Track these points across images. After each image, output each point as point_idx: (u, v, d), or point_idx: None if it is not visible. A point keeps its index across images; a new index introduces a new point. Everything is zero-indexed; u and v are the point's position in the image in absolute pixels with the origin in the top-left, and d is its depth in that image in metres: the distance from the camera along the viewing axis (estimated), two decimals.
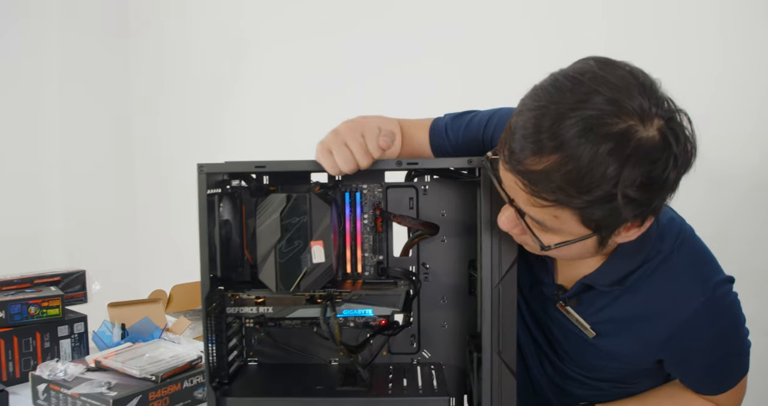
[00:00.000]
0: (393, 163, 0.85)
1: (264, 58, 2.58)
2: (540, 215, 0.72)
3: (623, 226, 0.73)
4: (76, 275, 1.49)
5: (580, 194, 0.66)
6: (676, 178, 0.69)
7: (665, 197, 0.71)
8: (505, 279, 0.85)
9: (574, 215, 0.69)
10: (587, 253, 0.78)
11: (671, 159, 0.67)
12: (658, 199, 0.70)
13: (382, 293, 0.91)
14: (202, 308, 0.88)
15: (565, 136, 0.65)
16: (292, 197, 0.87)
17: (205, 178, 0.87)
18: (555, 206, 0.68)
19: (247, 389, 0.94)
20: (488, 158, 0.76)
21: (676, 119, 0.68)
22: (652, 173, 0.66)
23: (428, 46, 2.22)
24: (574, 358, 0.98)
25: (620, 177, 0.65)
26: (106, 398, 1.05)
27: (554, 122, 0.66)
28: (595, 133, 0.64)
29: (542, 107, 0.68)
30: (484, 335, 0.85)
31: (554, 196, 0.67)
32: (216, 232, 0.88)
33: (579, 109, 0.65)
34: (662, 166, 0.66)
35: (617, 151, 0.64)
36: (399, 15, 2.31)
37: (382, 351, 1.03)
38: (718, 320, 0.88)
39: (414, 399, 0.88)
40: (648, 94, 0.67)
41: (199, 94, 2.76)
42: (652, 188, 0.67)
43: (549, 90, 0.69)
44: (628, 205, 0.67)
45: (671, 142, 0.66)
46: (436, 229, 0.96)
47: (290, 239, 0.87)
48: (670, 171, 0.67)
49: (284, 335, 1.02)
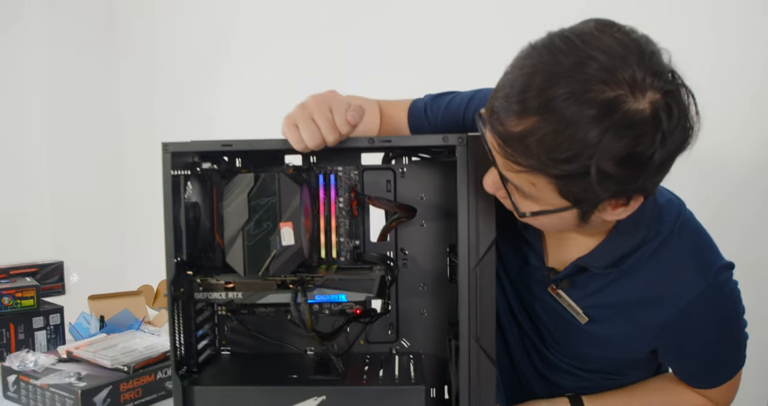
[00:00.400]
0: (365, 140, 0.81)
1: (257, 56, 2.55)
2: (517, 180, 0.68)
3: (607, 202, 0.69)
4: (53, 265, 1.46)
5: (554, 163, 0.62)
6: (663, 158, 0.64)
7: (652, 178, 0.67)
8: (483, 261, 0.81)
9: (551, 184, 0.66)
10: (568, 226, 0.74)
11: (659, 136, 0.62)
12: (641, 178, 0.65)
13: (355, 277, 0.88)
14: (167, 293, 0.85)
15: (549, 99, 0.61)
16: (261, 177, 0.83)
17: (169, 157, 0.83)
18: (529, 172, 0.65)
19: (217, 378, 0.90)
20: (480, 115, 0.72)
21: (675, 94, 0.63)
22: (635, 149, 0.62)
23: (426, 45, 2.19)
24: (563, 346, 0.94)
25: (597, 148, 0.61)
26: (74, 388, 1.01)
27: (541, 84, 0.62)
28: (580, 99, 0.61)
29: (533, 67, 0.64)
30: (462, 321, 0.82)
31: (527, 162, 0.64)
32: (182, 214, 0.85)
33: (569, 74, 0.62)
34: (647, 142, 0.62)
35: (598, 119, 0.61)
36: (398, 14, 2.28)
37: (360, 340, 0.99)
38: (718, 308, 0.84)
39: (389, 388, 0.85)
40: (646, 64, 0.62)
41: (191, 88, 2.73)
42: (632, 166, 0.63)
43: (542, 51, 0.65)
44: (604, 180, 0.63)
45: (662, 118, 0.62)
46: (413, 212, 0.93)
47: (258, 221, 0.83)
48: (656, 149, 0.62)
49: (258, 323, 0.99)
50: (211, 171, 0.95)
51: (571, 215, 0.71)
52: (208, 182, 0.93)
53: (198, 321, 0.92)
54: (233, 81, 2.60)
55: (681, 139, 0.65)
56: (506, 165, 0.67)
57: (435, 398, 0.99)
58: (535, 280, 0.92)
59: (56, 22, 2.73)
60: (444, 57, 2.13)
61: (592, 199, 0.67)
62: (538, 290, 0.92)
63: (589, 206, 0.69)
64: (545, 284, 0.90)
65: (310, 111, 0.76)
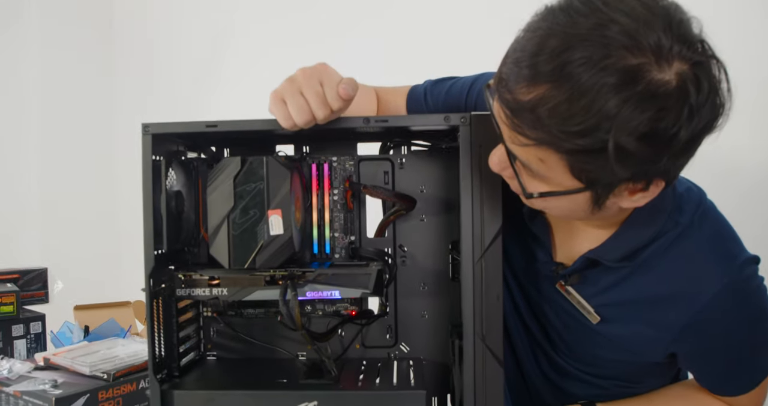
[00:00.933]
0: (360, 120, 0.75)
1: (256, 57, 2.51)
2: (525, 155, 0.62)
3: (624, 186, 0.62)
4: (36, 272, 1.39)
5: (567, 136, 0.56)
6: (690, 137, 0.57)
7: (676, 159, 0.60)
8: (489, 252, 0.74)
9: (562, 161, 0.59)
10: (580, 212, 0.67)
11: (685, 111, 0.56)
12: (664, 159, 0.58)
13: (350, 272, 0.81)
14: (145, 288, 0.78)
15: (563, 64, 0.55)
16: (248, 161, 0.77)
17: (150, 139, 0.77)
18: (537, 146, 0.59)
19: (200, 382, 0.83)
20: (488, 86, 0.66)
21: (705, 66, 0.57)
22: (658, 124, 0.55)
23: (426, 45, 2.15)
24: (573, 349, 0.86)
25: (615, 121, 0.55)
26: (48, 396, 0.94)
27: (556, 47, 0.56)
28: (598, 65, 0.55)
29: (547, 29, 0.58)
30: (466, 318, 0.75)
31: (537, 135, 0.57)
32: (162, 201, 0.79)
33: (587, 37, 0.55)
34: (673, 118, 0.55)
35: (618, 88, 0.54)
36: (398, 14, 2.25)
37: (355, 344, 0.92)
38: (743, 305, 0.77)
39: (386, 393, 0.77)
40: (674, 31, 0.56)
41: (186, 93, 2.68)
42: (655, 143, 0.56)
43: (559, 13, 0.59)
44: (622, 159, 0.57)
45: (689, 91, 0.56)
46: (412, 203, 0.86)
47: (245, 208, 0.77)
48: (682, 126, 0.56)
49: (246, 326, 0.92)
50: (197, 161, 0.89)
51: (583, 198, 0.64)
52: (194, 172, 0.88)
53: (180, 322, 0.85)
54: (233, 82, 2.56)
55: (710, 116, 0.58)
56: (514, 138, 0.61)
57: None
58: (542, 277, 0.86)
59: (54, 23, 2.70)
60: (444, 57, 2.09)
61: (608, 181, 0.61)
62: (545, 287, 0.85)
63: (604, 189, 0.62)
64: (553, 281, 0.83)
65: (299, 85, 0.70)
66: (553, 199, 0.65)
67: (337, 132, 0.82)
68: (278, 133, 0.87)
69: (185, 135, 0.81)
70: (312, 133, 0.83)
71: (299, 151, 0.91)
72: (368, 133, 0.89)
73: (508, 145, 0.63)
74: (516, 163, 0.64)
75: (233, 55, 2.61)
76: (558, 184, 0.63)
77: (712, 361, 0.81)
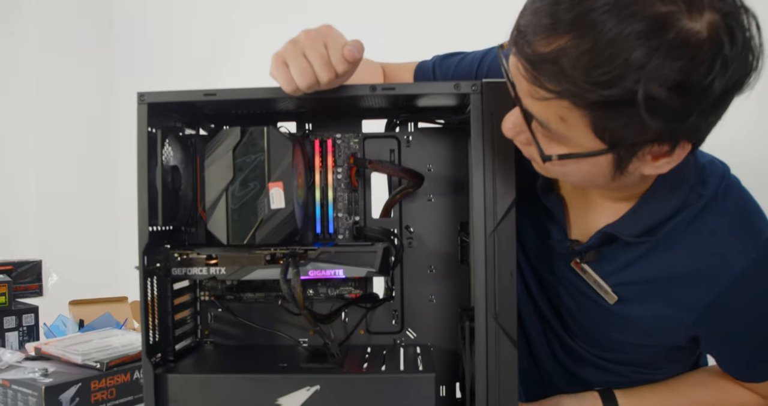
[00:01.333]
0: (366, 88, 0.72)
1: (256, 57, 2.49)
2: (544, 114, 0.58)
3: (648, 148, 0.58)
4: (30, 264, 1.35)
5: (592, 87, 0.52)
6: (724, 89, 0.53)
7: (707, 115, 0.56)
8: (501, 226, 0.70)
9: (584, 118, 0.56)
10: (600, 178, 0.63)
11: (719, 61, 0.52)
12: (696, 112, 0.54)
13: (355, 250, 0.77)
14: (139, 266, 0.74)
15: (585, 12, 0.52)
16: (248, 131, 0.73)
17: (145, 109, 0.74)
18: (559, 99, 0.55)
19: (196, 366, 0.79)
20: (502, 47, 0.62)
21: (738, 18, 0.54)
22: (691, 74, 0.52)
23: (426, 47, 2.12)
24: (589, 332, 0.82)
25: (645, 70, 0.51)
26: (38, 385, 0.90)
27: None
28: (624, 12, 0.51)
29: None
30: (477, 295, 0.71)
31: (560, 87, 0.54)
32: (158, 175, 0.75)
33: None
34: (706, 68, 0.52)
35: (646, 36, 0.51)
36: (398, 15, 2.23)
37: (360, 330, 0.88)
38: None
39: (393, 376, 0.73)
40: None
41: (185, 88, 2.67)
42: (688, 93, 0.52)
43: None
44: (653, 110, 0.53)
45: (723, 41, 0.52)
46: (420, 179, 0.83)
47: (244, 181, 0.73)
48: (716, 76, 0.52)
49: (246, 312, 0.88)
50: (195, 137, 0.85)
51: (605, 162, 0.61)
52: (192, 149, 0.84)
53: (176, 305, 0.81)
54: (233, 82, 2.53)
55: (742, 71, 0.54)
56: (534, 92, 0.57)
57: (445, 397, 0.87)
58: (556, 256, 0.81)
59: (53, 23, 2.68)
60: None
61: (632, 141, 0.57)
62: (560, 267, 0.81)
63: (627, 151, 0.59)
64: (568, 259, 0.79)
65: (302, 47, 0.66)
66: (572, 163, 0.61)
67: (341, 104, 0.79)
68: (280, 110, 0.84)
69: (183, 106, 0.78)
70: (315, 105, 0.79)
71: (302, 128, 0.88)
72: (373, 110, 0.86)
73: (525, 103, 0.60)
74: (533, 124, 0.61)
75: (233, 55, 2.59)
76: (578, 146, 0.59)
77: (736, 344, 0.77)
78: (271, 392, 0.72)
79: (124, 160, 2.81)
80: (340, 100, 0.74)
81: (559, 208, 0.79)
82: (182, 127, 0.84)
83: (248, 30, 2.57)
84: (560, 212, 0.79)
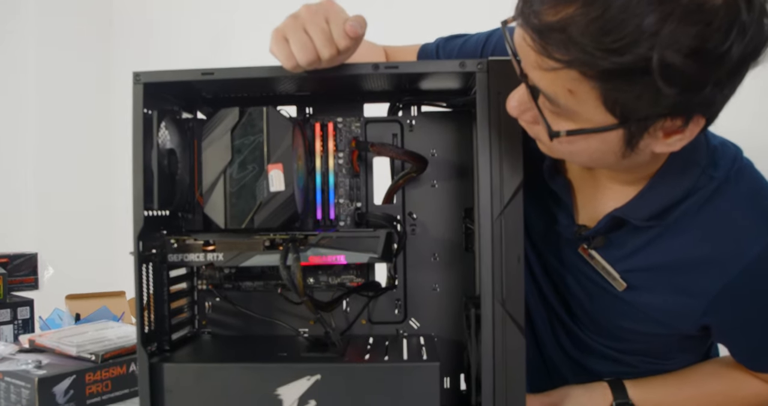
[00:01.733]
0: (369, 66, 0.69)
1: (256, 57, 2.47)
2: (552, 87, 0.55)
3: (660, 123, 0.56)
4: (25, 257, 1.32)
5: (603, 53, 0.50)
6: (740, 58, 0.51)
7: (722, 88, 0.53)
8: (509, 209, 0.68)
9: (594, 90, 0.53)
10: (610, 155, 0.61)
11: (736, 27, 0.50)
12: (710, 83, 0.52)
13: (357, 235, 0.75)
14: (134, 251, 0.72)
15: None
16: (247, 112, 0.71)
17: (141, 89, 0.71)
18: (568, 69, 0.52)
19: (193, 356, 0.77)
20: (505, 22, 0.60)
21: None
22: (707, 40, 0.49)
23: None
24: (597, 321, 0.80)
25: (659, 36, 0.49)
26: (31, 376, 0.87)
27: None
28: None
29: None
30: (484, 281, 0.68)
31: (568, 54, 0.51)
32: (153, 157, 0.72)
33: None
34: (723, 34, 0.49)
35: (660, 0, 0.48)
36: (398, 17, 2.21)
37: (361, 320, 0.86)
38: None
39: (396, 365, 0.71)
40: None
41: None
42: (704, 60, 0.50)
43: None
44: (669, 77, 0.50)
45: (740, 8, 0.50)
46: (424, 163, 0.80)
47: (243, 163, 0.71)
48: (733, 43, 0.50)
49: (245, 301, 0.85)
50: (192, 121, 0.83)
51: (615, 138, 0.58)
52: (189, 133, 0.81)
53: (173, 292, 0.79)
54: None
55: (761, 38, 0.52)
56: (541, 62, 0.54)
57: (449, 389, 0.85)
58: (563, 242, 0.79)
59: (52, 20, 2.66)
60: None
61: (644, 115, 0.55)
62: (566, 254, 0.79)
63: (639, 126, 0.56)
64: (575, 245, 0.77)
65: (303, 21, 0.64)
66: (580, 140, 0.59)
67: (343, 85, 0.77)
68: (280, 93, 0.82)
69: (180, 87, 0.75)
70: (317, 85, 0.77)
71: (302, 112, 0.85)
72: (376, 93, 0.83)
73: (532, 77, 0.57)
74: (540, 100, 0.58)
75: (233, 55, 2.57)
76: (587, 121, 0.57)
77: (750, 332, 0.74)
78: (270, 381, 0.70)
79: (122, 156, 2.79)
80: (342, 79, 0.72)
81: (566, 192, 0.77)
82: (179, 111, 0.82)
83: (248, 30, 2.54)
84: (567, 196, 0.77)
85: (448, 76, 0.74)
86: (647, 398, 0.78)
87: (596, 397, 0.78)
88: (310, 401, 0.69)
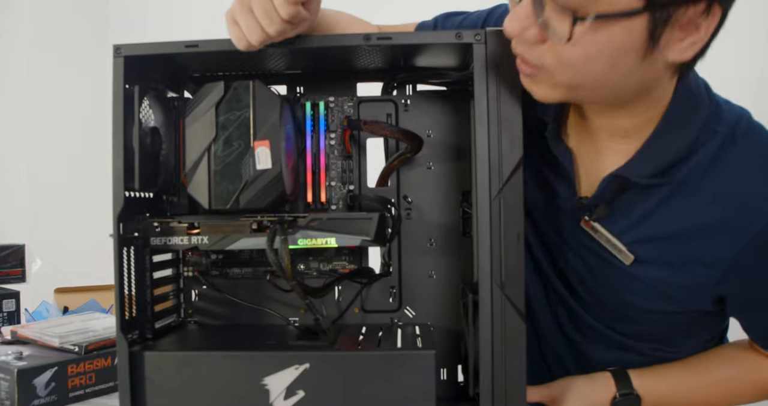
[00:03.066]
0: (360, 37, 0.66)
1: None
2: None
3: (682, 10, 0.54)
4: (12, 248, 1.29)
5: None
6: None
7: None
8: (508, 186, 0.64)
9: None
10: (631, 55, 0.56)
11: None
12: None
13: (349, 217, 0.71)
14: (113, 233, 0.68)
15: None
16: (232, 86, 0.68)
17: (122, 62, 0.68)
18: None
19: (176, 345, 0.73)
20: None
21: None
22: None
23: None
24: (601, 298, 0.75)
25: None
26: (10, 368, 0.84)
27: None
28: None
29: None
30: (482, 263, 0.64)
31: None
32: (135, 134, 0.69)
33: None
34: None
35: None
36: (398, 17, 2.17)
37: (354, 308, 0.82)
38: None
39: (390, 353, 0.67)
40: None
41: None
42: None
43: None
44: None
45: None
46: (419, 142, 0.76)
47: (228, 140, 0.67)
48: None
49: (232, 288, 0.82)
50: (177, 100, 0.79)
51: (639, 27, 0.54)
52: (174, 112, 0.78)
53: (156, 279, 0.75)
54: None
55: None
56: None
57: (446, 380, 0.81)
58: (564, 216, 0.75)
59: (47, 18, 2.63)
60: None
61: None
62: (568, 228, 0.75)
63: (663, 13, 0.53)
64: (577, 218, 0.73)
65: (249, 1, 0.61)
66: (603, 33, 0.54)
67: (333, 61, 0.73)
68: (270, 71, 0.78)
69: (164, 61, 0.72)
70: (307, 62, 0.74)
71: (292, 91, 0.82)
72: (369, 71, 0.80)
73: None
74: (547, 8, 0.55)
75: None
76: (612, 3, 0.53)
77: (765, 304, 0.70)
78: (256, 371, 0.66)
79: None
80: (333, 54, 0.68)
81: (569, 160, 0.73)
82: (164, 89, 0.78)
83: None
84: (569, 163, 0.72)
85: (444, 51, 0.70)
86: (653, 387, 0.74)
87: (599, 387, 0.74)
88: (298, 392, 0.66)
